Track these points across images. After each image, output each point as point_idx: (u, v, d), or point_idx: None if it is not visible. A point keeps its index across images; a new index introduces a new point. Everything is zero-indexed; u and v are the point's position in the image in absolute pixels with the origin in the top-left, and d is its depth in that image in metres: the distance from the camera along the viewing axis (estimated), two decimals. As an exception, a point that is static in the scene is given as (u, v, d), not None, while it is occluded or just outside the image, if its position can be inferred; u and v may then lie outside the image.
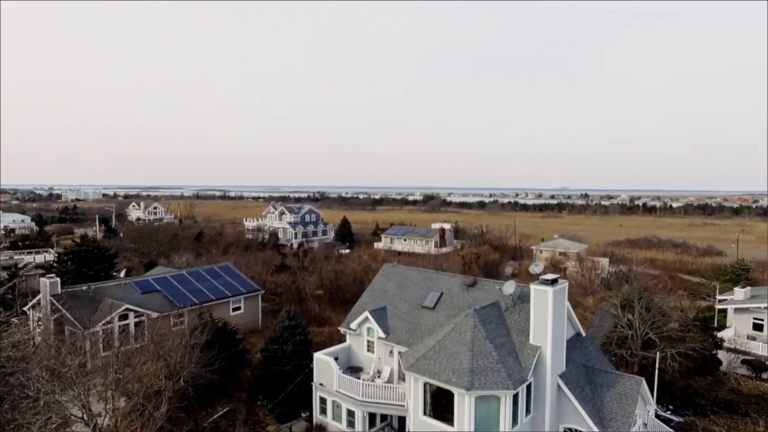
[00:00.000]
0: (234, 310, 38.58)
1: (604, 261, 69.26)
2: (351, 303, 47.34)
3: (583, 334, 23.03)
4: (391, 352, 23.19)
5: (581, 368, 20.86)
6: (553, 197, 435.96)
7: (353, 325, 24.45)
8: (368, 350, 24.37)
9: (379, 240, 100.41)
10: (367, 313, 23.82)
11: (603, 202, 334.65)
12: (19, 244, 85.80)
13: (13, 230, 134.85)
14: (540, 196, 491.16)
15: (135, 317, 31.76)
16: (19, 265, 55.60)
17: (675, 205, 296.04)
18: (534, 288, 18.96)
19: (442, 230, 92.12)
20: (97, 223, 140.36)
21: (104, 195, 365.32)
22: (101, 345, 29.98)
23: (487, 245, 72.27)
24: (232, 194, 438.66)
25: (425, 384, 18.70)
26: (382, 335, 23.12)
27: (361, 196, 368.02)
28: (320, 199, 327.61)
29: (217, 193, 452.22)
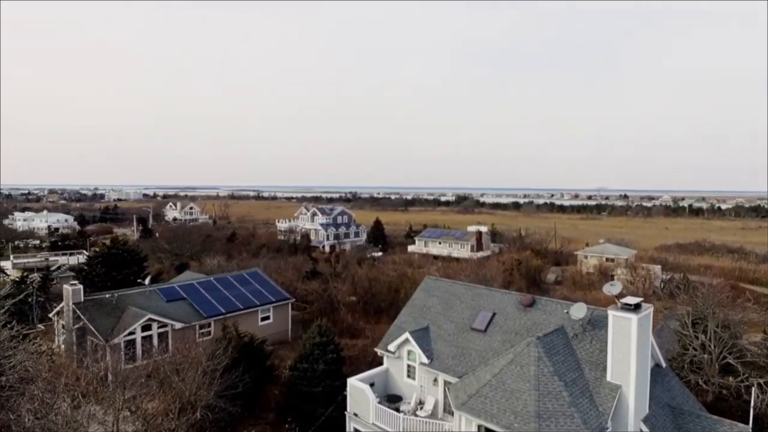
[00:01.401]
0: (262, 319, 36.48)
1: (657, 268, 64.11)
2: (385, 312, 44.80)
3: (664, 364, 19.49)
4: (436, 380, 20.26)
5: (666, 410, 17.39)
6: (590, 198, 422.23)
7: (391, 347, 21.64)
8: (408, 376, 21.52)
9: (413, 242, 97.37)
10: (407, 335, 20.97)
11: (644, 204, 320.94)
12: (59, 243, 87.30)
13: (57, 229, 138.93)
14: (576, 196, 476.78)
15: (159, 327, 29.97)
16: (52, 267, 55.67)
17: (723, 206, 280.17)
18: (613, 314, 15.66)
19: (479, 233, 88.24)
20: (135, 223, 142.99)
21: (144, 195, 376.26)
22: (123, 357, 28.46)
23: (528, 250, 68.14)
24: (266, 194, 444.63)
25: (479, 427, 15.72)
26: (426, 361, 20.21)
27: (392, 197, 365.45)
28: (352, 199, 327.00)
29: (251, 194, 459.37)
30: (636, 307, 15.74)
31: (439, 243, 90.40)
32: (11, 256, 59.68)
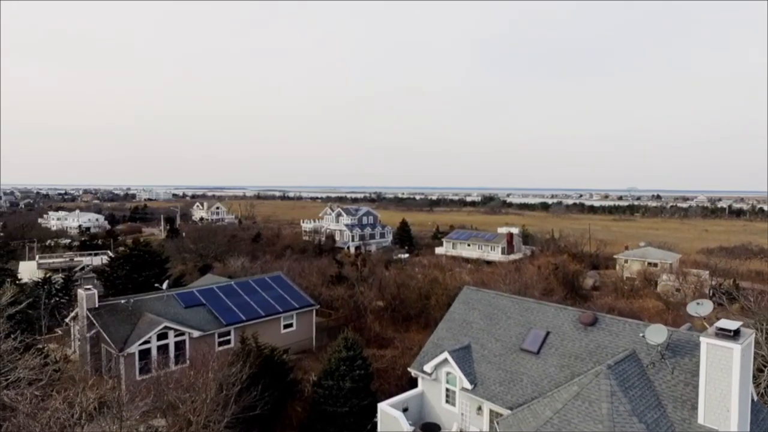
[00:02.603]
0: (285, 327, 34.40)
1: (705, 274, 59.58)
2: (415, 320, 42.19)
3: (755, 397, 16.34)
4: (480, 408, 17.59)
5: (767, 457, 14.33)
6: (620, 198, 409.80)
7: (428, 368, 19.06)
8: (447, 401, 18.90)
9: (440, 244, 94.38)
10: (446, 354, 18.36)
11: (679, 204, 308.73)
12: (87, 243, 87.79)
13: (88, 229, 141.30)
14: (606, 197, 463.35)
15: (175, 336, 28.16)
16: (77, 268, 55.13)
17: (766, 207, 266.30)
18: (709, 343, 12.72)
19: (510, 235, 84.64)
20: (162, 222, 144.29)
21: (174, 195, 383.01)
22: (137, 368, 26.75)
23: (564, 254, 64.40)
24: (291, 194, 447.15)
25: (540, 475, 13.06)
26: (468, 386, 17.57)
27: (417, 197, 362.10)
28: (376, 199, 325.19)
29: (277, 194, 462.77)
30: (735, 334, 12.78)
31: (468, 245, 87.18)
32: (37, 256, 59.48)
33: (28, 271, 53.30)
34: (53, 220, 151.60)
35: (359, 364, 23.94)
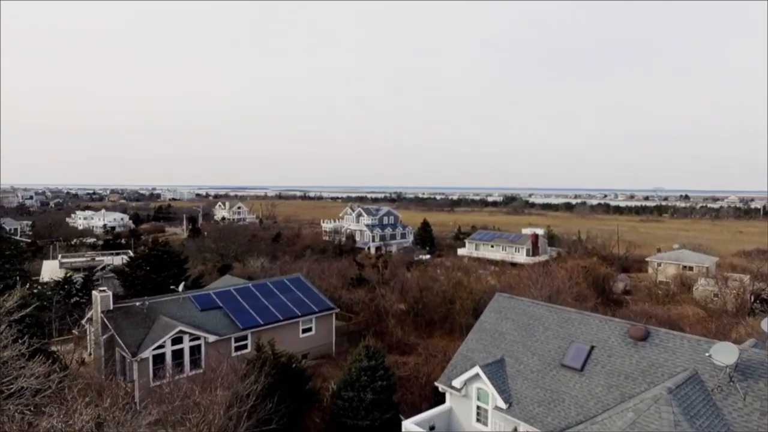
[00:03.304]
0: (304, 331, 33.15)
1: (745, 278, 56.22)
2: (438, 325, 40.47)
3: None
4: (516, 430, 15.89)
5: None
6: (647, 199, 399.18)
7: (456, 383, 17.45)
8: (478, 420, 17.26)
9: (463, 245, 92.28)
10: (478, 369, 16.73)
11: (710, 205, 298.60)
12: (111, 242, 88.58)
13: (113, 228, 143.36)
14: (632, 197, 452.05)
15: (190, 340, 27.15)
16: (98, 267, 55.06)
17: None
18: (796, 368, 10.83)
19: (535, 236, 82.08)
20: (184, 222, 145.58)
21: (197, 195, 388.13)
22: (151, 373, 25.81)
23: (593, 256, 61.78)
24: (312, 194, 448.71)
25: None
26: (502, 405, 15.90)
27: (437, 197, 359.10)
28: (397, 199, 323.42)
29: (298, 194, 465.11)
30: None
31: (492, 246, 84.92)
32: (59, 255, 59.78)
33: (51, 270, 53.48)
34: (80, 220, 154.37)
35: (381, 375, 22.47)
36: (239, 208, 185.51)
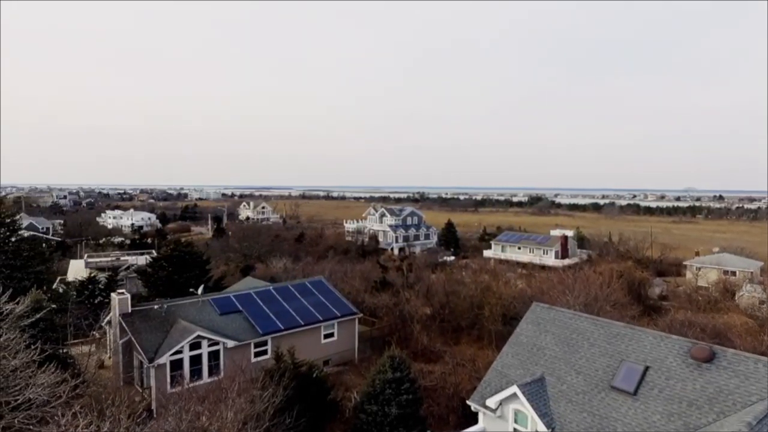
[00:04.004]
0: (326, 337, 31.97)
1: (794, 285, 52.61)
2: (466, 332, 38.74)
3: None
4: (559, 459, 14.24)
5: None
6: (678, 199, 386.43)
7: (491, 403, 15.88)
8: (515, 444, 15.66)
9: (488, 246, 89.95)
10: (515, 389, 15.13)
11: (746, 206, 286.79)
12: (137, 241, 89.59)
13: (141, 227, 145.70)
14: (663, 197, 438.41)
15: (209, 345, 26.24)
16: (122, 267, 55.24)
17: None
18: None
19: (564, 238, 79.26)
20: (209, 222, 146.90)
21: (223, 194, 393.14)
22: (168, 380, 24.98)
23: (627, 259, 58.96)
24: (335, 194, 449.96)
25: None
26: (544, 430, 14.27)
27: (461, 197, 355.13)
28: (420, 199, 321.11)
29: (321, 194, 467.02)
30: None
31: (519, 248, 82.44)
32: (85, 255, 60.33)
33: (77, 269, 53.84)
34: (110, 219, 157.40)
35: (407, 388, 21.05)
36: (263, 207, 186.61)
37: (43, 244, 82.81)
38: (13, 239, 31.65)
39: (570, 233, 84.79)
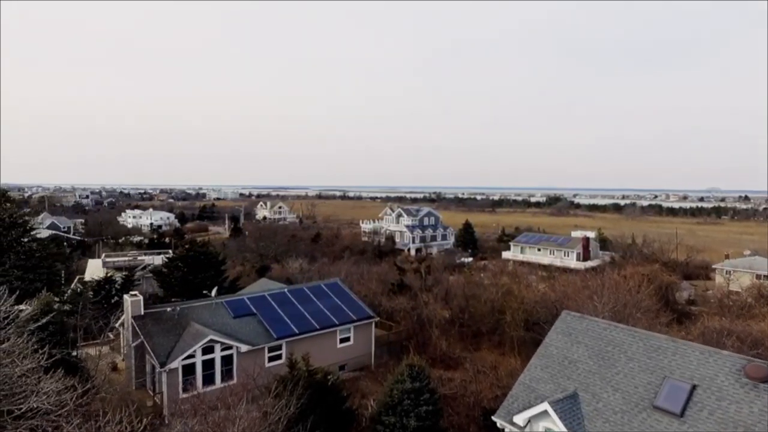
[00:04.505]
0: (342, 341, 31.06)
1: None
2: (486, 337, 37.44)
3: None
4: (596, 484, 13.02)
5: None
6: (702, 200, 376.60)
7: (519, 420, 14.72)
8: (546, 466, 14.46)
9: (506, 248, 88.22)
10: (546, 405, 13.95)
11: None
12: (155, 241, 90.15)
13: (159, 227, 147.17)
14: (685, 198, 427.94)
15: (222, 349, 25.54)
16: (139, 267, 55.22)
17: None
18: None
19: (586, 240, 77.14)
20: (226, 221, 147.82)
21: (241, 194, 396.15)
22: (180, 385, 24.33)
23: (656, 262, 56.83)
24: (351, 194, 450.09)
25: None
26: (579, 452, 13.06)
27: (478, 197, 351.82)
28: (436, 199, 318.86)
29: (338, 193, 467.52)
30: None
31: (538, 249, 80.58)
32: (103, 254, 60.58)
33: (95, 269, 53.98)
34: (130, 218, 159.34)
35: (426, 399, 19.96)
36: (280, 207, 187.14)
37: (64, 243, 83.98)
38: (25, 239, 31.30)
39: (591, 234, 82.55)
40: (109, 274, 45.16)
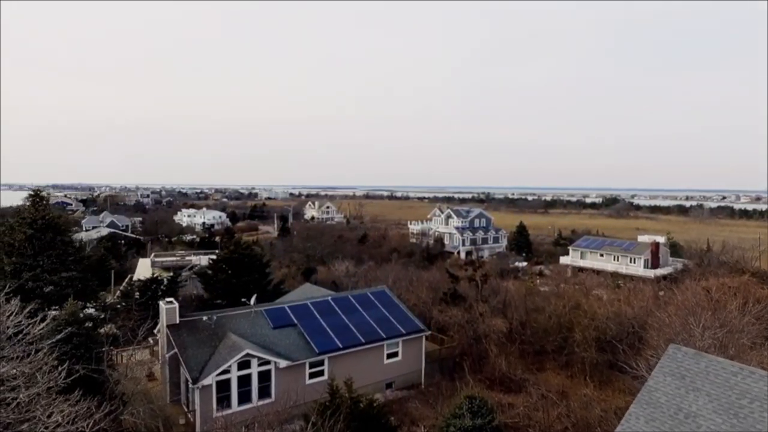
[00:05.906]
0: (389, 356, 28.29)
1: None
2: (551, 356, 33.31)
3: None
4: None
5: None
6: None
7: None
8: None
9: (564, 252, 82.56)
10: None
11: None
12: (205, 240, 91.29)
13: (212, 225, 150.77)
14: (758, 199, 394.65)
15: (259, 364, 23.41)
16: (186, 267, 55.05)
17: None
18: None
19: (656, 245, 70.47)
20: (275, 221, 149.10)
21: (291, 194, 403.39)
22: (215, 402, 22.38)
23: (746, 273, 50.28)
24: (399, 194, 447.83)
25: None
26: None
27: (529, 197, 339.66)
28: (485, 200, 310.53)
29: (385, 193, 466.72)
30: None
31: (601, 255, 74.56)
32: (152, 254, 61.12)
33: (144, 268, 54.27)
34: (185, 217, 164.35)
35: (489, 438, 16.84)
36: (328, 207, 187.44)
37: (120, 241, 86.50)
38: (58, 239, 30.57)
39: (661, 239, 75.55)
40: (156, 275, 44.76)
